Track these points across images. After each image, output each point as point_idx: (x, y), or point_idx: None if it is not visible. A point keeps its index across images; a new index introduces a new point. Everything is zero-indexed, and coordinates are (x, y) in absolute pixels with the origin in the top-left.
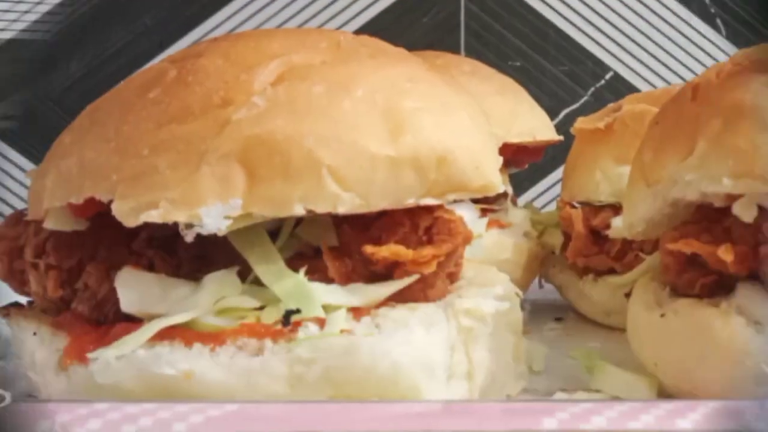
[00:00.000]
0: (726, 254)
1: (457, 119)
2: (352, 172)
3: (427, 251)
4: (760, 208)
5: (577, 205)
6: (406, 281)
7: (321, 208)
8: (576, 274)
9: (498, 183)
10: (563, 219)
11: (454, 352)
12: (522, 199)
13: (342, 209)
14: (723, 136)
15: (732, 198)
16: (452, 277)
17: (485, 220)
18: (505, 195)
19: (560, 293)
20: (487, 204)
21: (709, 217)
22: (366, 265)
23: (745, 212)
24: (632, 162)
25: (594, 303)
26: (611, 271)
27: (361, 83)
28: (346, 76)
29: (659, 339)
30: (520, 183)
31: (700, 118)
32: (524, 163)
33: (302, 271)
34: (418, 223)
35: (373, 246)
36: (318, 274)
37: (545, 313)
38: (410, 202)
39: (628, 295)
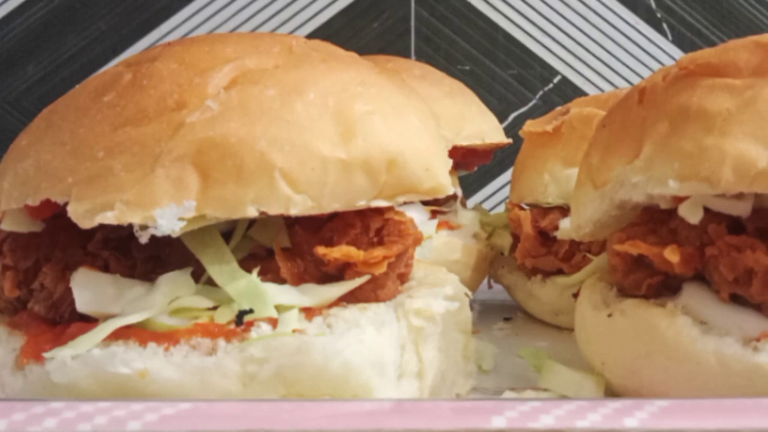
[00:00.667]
0: (672, 255)
1: (408, 122)
2: (304, 175)
3: (378, 252)
4: (706, 209)
5: (525, 206)
6: (358, 282)
7: (273, 210)
8: (524, 274)
9: (448, 185)
10: (512, 221)
11: (404, 351)
12: (471, 201)
13: (294, 211)
14: (669, 139)
15: (678, 200)
16: (402, 278)
17: (435, 221)
18: (454, 197)
19: (509, 293)
20: (437, 206)
21: (656, 219)
22: (318, 265)
23: (690, 214)
24: (580, 164)
25: (542, 303)
26: (559, 272)
27: (313, 87)
28: (299, 79)
29: (606, 338)
30: (470, 185)
31: (647, 121)
32: (473, 166)
33: (255, 271)
34: (369, 225)
35: (325, 247)
36: (271, 274)
37: (494, 313)
38: (361, 204)
39: (575, 295)
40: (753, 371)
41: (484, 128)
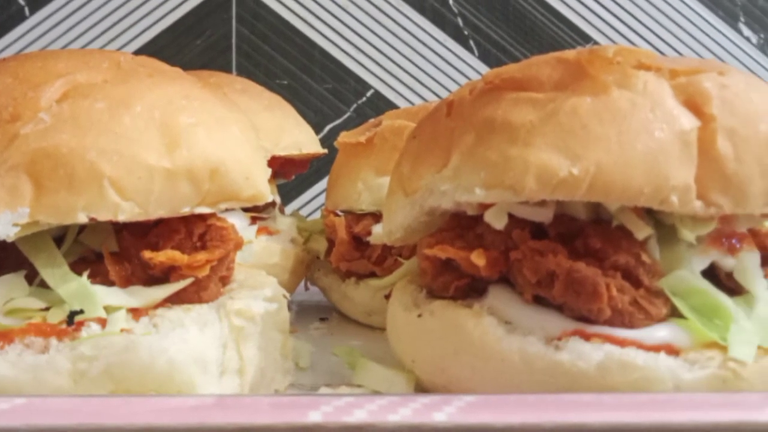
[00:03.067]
0: (478, 259)
1: (229, 134)
2: (132, 183)
3: (201, 256)
4: (510, 216)
5: (340, 213)
6: (182, 284)
7: (103, 216)
8: (339, 277)
9: (267, 193)
10: (327, 226)
11: (226, 349)
12: (289, 208)
13: (122, 217)
14: (475, 149)
15: (484, 207)
16: (224, 280)
17: (255, 227)
18: (273, 204)
19: (324, 295)
20: (256, 212)
21: (463, 225)
22: (144, 269)
23: (496, 220)
24: (391, 173)
25: (356, 304)
26: (372, 275)
27: (140, 100)
28: (126, 93)
29: (416, 337)
30: (288, 193)
31: (455, 133)
32: (291, 175)
33: (85, 274)
34: (192, 230)
35: (151, 251)
36: (100, 277)
37: (311, 313)
38: (186, 210)
39: (387, 296)
40: (554, 368)
41: (301, 139)
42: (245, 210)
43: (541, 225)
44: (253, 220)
